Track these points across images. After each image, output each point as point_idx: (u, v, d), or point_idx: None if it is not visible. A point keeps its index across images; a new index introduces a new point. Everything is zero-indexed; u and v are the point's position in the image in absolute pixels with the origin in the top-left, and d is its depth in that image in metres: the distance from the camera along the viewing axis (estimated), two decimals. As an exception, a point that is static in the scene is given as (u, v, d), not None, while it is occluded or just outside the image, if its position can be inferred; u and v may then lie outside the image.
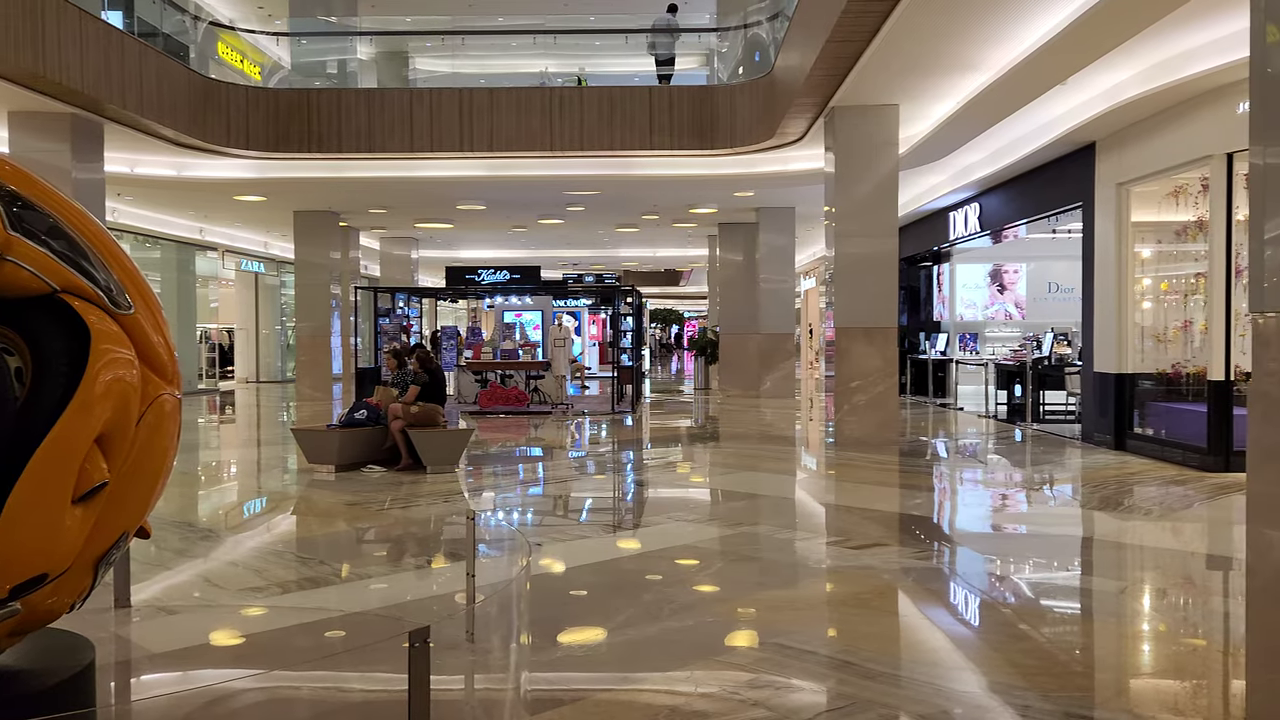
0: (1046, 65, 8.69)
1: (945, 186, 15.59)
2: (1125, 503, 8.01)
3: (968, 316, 19.20)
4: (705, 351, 22.59)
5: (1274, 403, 3.22)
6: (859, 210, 11.14)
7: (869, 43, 8.78)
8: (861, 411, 11.08)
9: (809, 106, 11.11)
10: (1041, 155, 12.33)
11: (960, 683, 3.85)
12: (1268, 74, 3.28)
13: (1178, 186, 10.20)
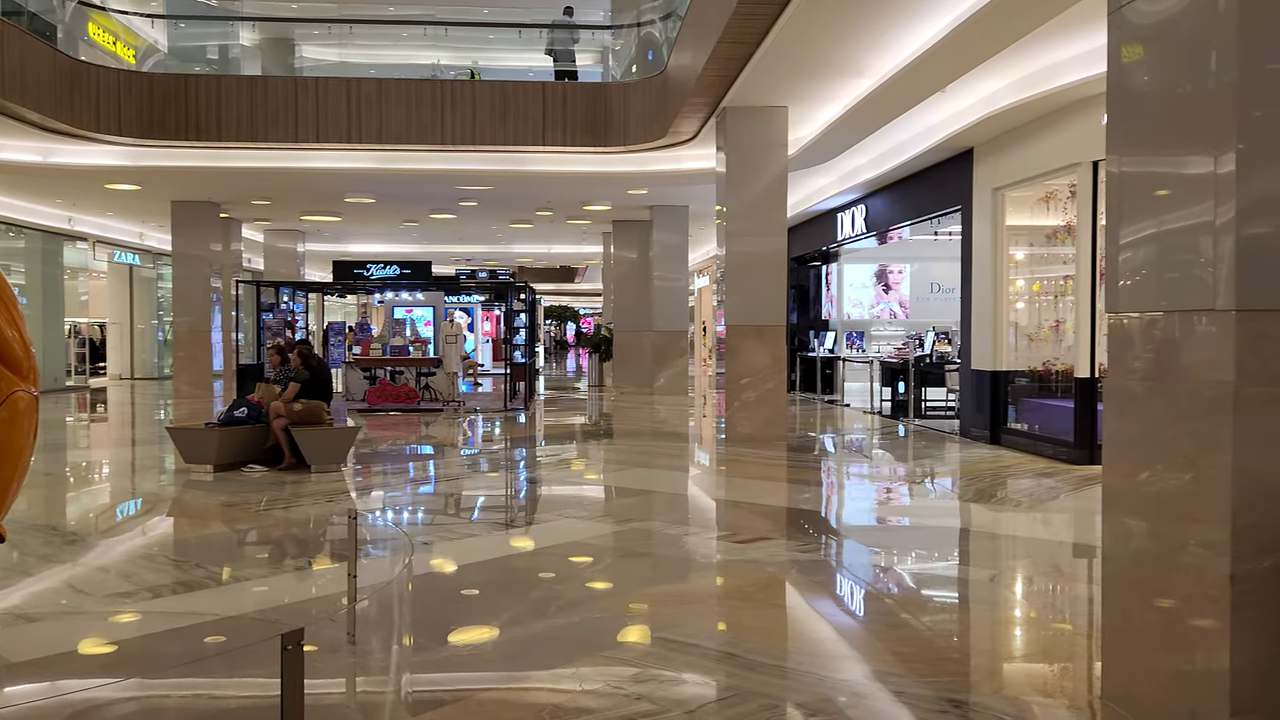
0: (927, 72, 8.97)
1: (833, 188, 15.96)
2: (999, 495, 8.34)
3: (855, 315, 19.70)
4: (599, 349, 22.62)
5: (1128, 399, 3.40)
6: (749, 210, 11.32)
7: (759, 45, 8.93)
8: (752, 408, 11.26)
9: (701, 106, 11.23)
10: (924, 160, 12.73)
11: (842, 671, 3.95)
12: (1123, 89, 3.46)
13: (1049, 192, 10.68)
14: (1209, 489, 2.96)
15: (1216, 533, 2.92)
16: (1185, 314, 3.09)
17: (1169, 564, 3.16)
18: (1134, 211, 3.37)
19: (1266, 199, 2.90)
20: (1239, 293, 2.88)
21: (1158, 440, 3.23)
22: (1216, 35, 2.95)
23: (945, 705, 3.56)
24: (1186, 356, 3.09)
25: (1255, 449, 2.87)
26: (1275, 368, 2.88)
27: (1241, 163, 2.89)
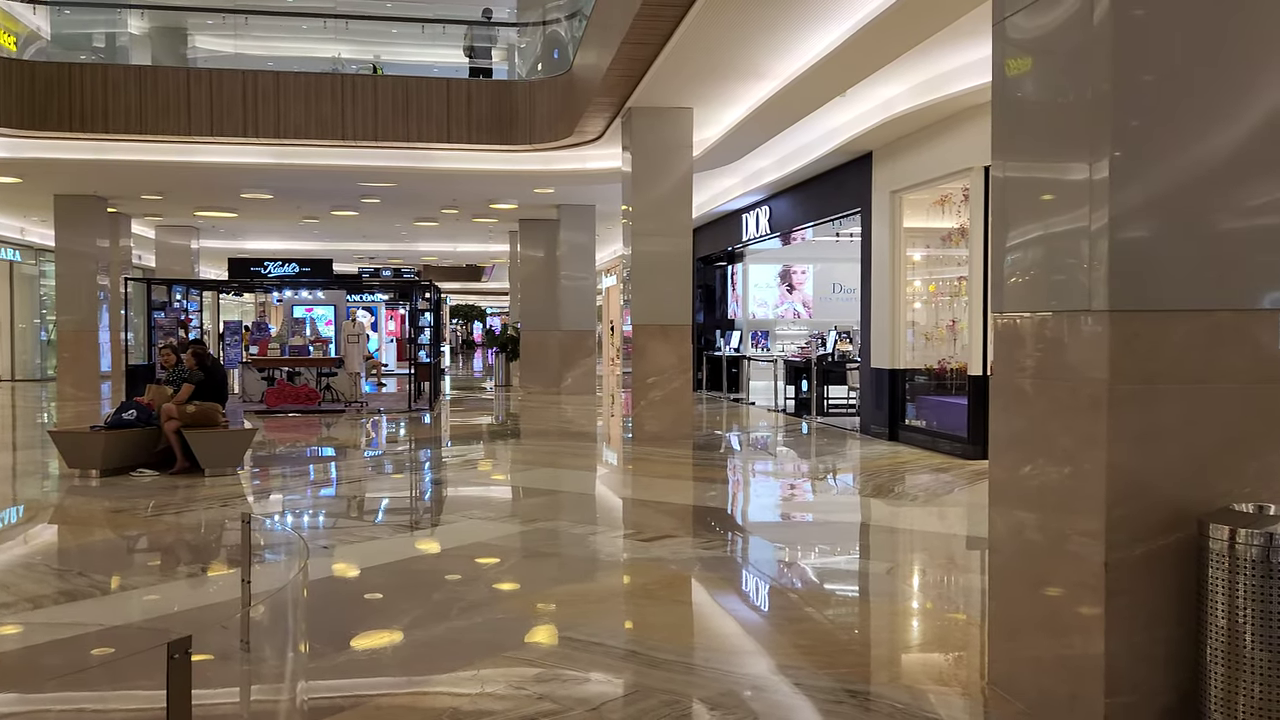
0: (827, 76, 9.16)
1: (738, 189, 16.16)
2: (896, 490, 8.57)
3: (759, 315, 19.98)
4: (506, 348, 22.46)
5: (1011, 396, 3.53)
6: (655, 210, 11.38)
7: (663, 46, 8.99)
8: (658, 407, 11.33)
9: (607, 106, 11.25)
10: (825, 162, 12.99)
11: (745, 665, 4.01)
12: (1006, 97, 3.60)
13: (944, 195, 11.02)
14: (1086, 482, 3.10)
15: (1093, 523, 3.06)
16: (1063, 315, 3.23)
17: (1050, 554, 3.30)
18: (1016, 215, 3.50)
19: (1139, 205, 3.04)
20: (1112, 295, 3.02)
21: (1039, 436, 3.36)
22: (1091, 47, 3.09)
23: (843, 695, 3.64)
24: (1065, 356, 3.23)
25: (1128, 444, 3.02)
26: (1147, 367, 3.03)
27: (1115, 170, 3.03)
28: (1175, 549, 2.99)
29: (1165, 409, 3.03)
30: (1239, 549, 2.75)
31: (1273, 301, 3.09)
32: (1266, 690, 2.69)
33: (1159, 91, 3.06)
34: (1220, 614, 2.78)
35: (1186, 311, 3.06)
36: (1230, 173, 3.09)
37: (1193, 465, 3.04)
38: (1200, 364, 3.07)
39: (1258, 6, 3.09)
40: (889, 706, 3.55)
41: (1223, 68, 3.07)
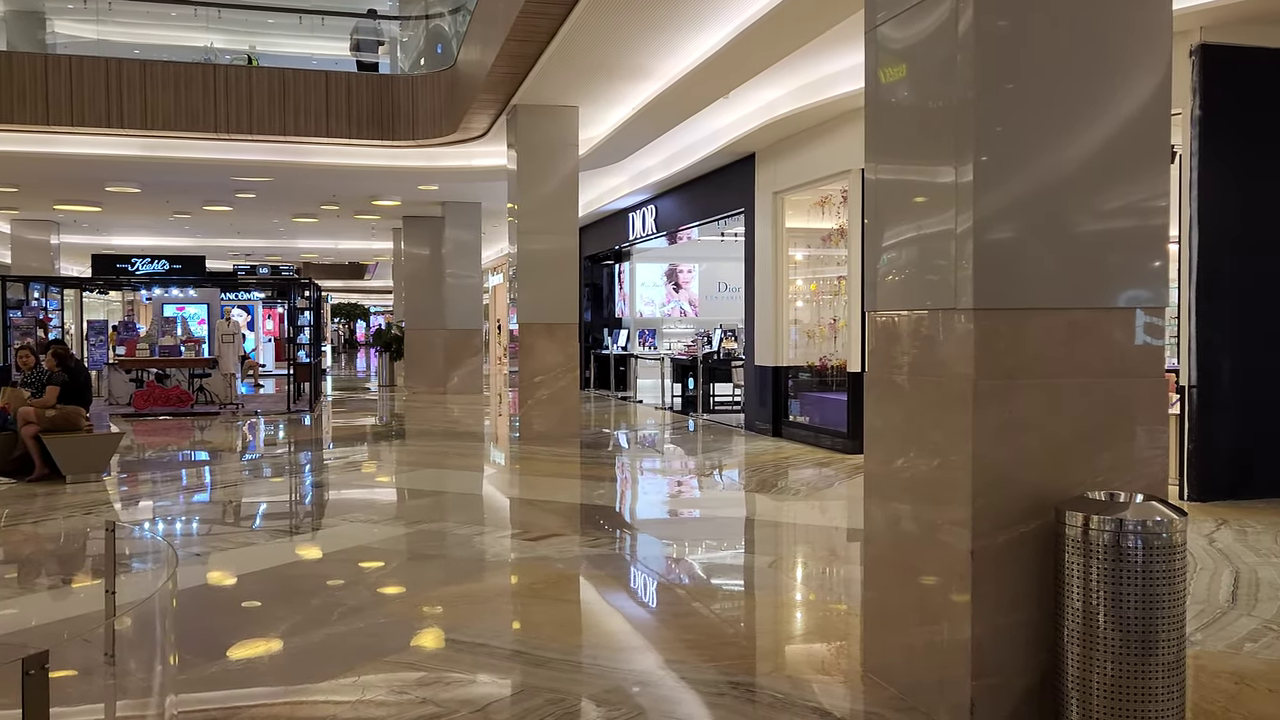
0: (711, 77, 9.28)
1: (625, 188, 16.23)
2: (779, 485, 8.75)
3: (647, 313, 20.11)
4: (390, 347, 22.02)
5: (885, 391, 3.65)
6: (541, 208, 11.33)
7: (548, 44, 8.95)
8: (545, 406, 11.29)
9: (491, 103, 11.14)
10: (710, 163, 13.16)
11: (631, 661, 4.03)
12: (879, 102, 3.71)
13: (824, 197, 11.30)
14: (953, 474, 3.23)
15: (959, 513, 3.19)
16: (931, 313, 3.36)
17: (921, 544, 3.42)
18: (888, 217, 3.62)
19: (1002, 208, 3.18)
20: (976, 293, 3.15)
21: (911, 430, 3.48)
22: (956, 56, 3.22)
23: (726, 687, 3.70)
24: (933, 353, 3.36)
25: (991, 437, 3.16)
26: (1006, 362, 3.17)
27: (979, 174, 3.16)
28: (1035, 536, 3.14)
29: (1025, 403, 3.18)
30: (1092, 535, 2.91)
31: (1125, 300, 3.27)
32: (1118, 667, 2.85)
33: (1021, 100, 3.21)
34: (1076, 597, 2.94)
35: (1045, 310, 3.22)
36: (1087, 178, 3.25)
37: (1051, 456, 3.20)
38: (1057, 360, 3.23)
39: (1112, 23, 3.26)
40: (770, 696, 3.63)
41: (1080, 79, 3.24)
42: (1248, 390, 7.32)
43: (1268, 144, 7.34)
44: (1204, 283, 7.21)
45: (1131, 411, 3.29)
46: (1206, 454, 7.23)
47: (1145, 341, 3.31)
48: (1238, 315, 7.30)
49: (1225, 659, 3.98)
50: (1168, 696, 2.84)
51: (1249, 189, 7.32)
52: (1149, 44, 3.29)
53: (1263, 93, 7.29)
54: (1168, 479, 3.42)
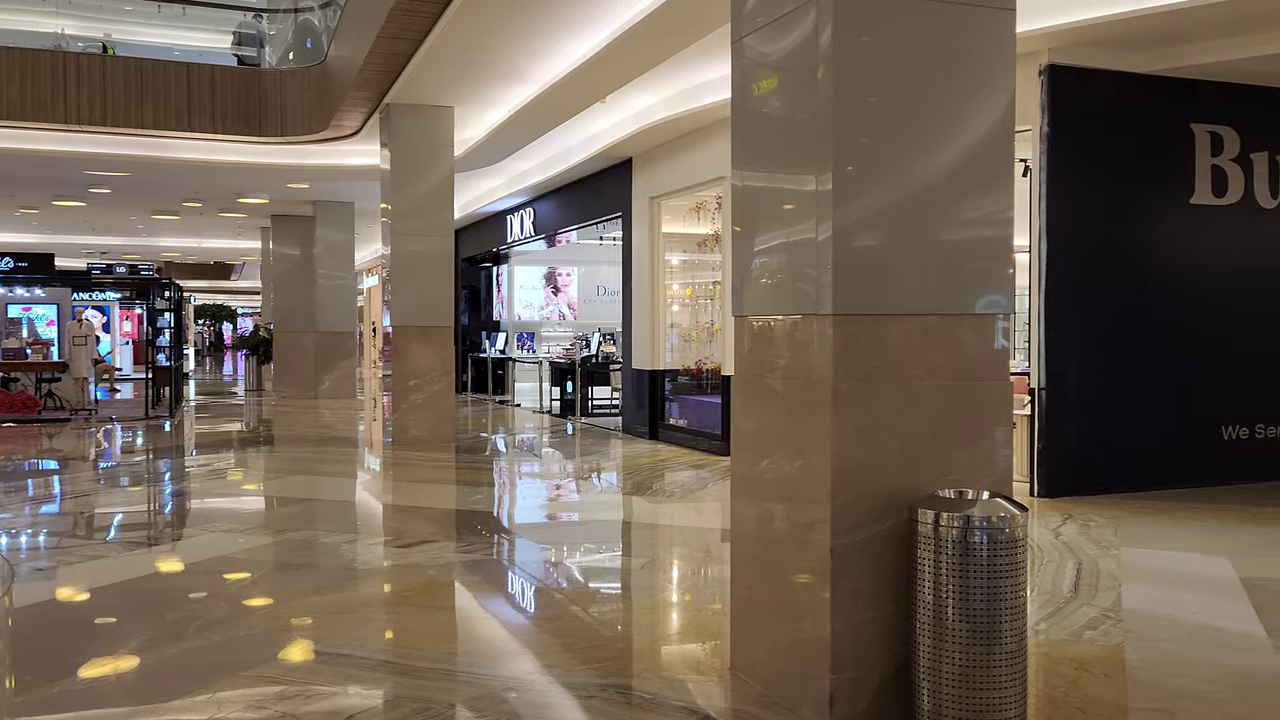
0: (586, 82, 9.30)
1: (503, 190, 16.11)
2: (656, 487, 8.83)
3: (525, 316, 20.00)
4: (258, 350, 21.27)
5: (751, 394, 3.74)
6: (416, 209, 11.15)
7: (421, 42, 8.82)
8: (419, 410, 11.10)
9: (363, 101, 10.90)
10: (587, 167, 13.19)
11: (504, 668, 3.99)
12: (744, 110, 3.80)
13: (699, 203, 11.47)
14: (814, 474, 3.32)
15: (820, 512, 3.28)
16: (793, 318, 3.45)
17: (784, 543, 3.51)
18: (752, 223, 3.71)
19: (861, 217, 3.29)
20: (836, 300, 3.26)
21: (775, 432, 3.57)
22: (817, 69, 3.31)
23: (596, 690, 3.71)
24: (795, 357, 3.45)
25: (849, 438, 3.26)
26: (864, 366, 3.29)
27: (839, 184, 3.27)
28: (891, 533, 3.27)
29: (882, 405, 3.30)
30: (942, 531, 3.04)
31: (975, 306, 3.43)
32: (965, 657, 2.99)
33: (877, 114, 3.33)
34: (927, 591, 3.06)
35: (901, 315, 3.35)
36: (939, 190, 3.39)
37: (906, 456, 3.33)
38: (913, 364, 3.36)
39: (961, 43, 3.42)
40: (639, 697, 3.66)
41: (933, 95, 3.38)
42: (1091, 392, 7.76)
43: (1109, 159, 7.81)
44: (1051, 290, 7.62)
45: (981, 413, 3.45)
46: (1054, 452, 7.64)
47: (993, 346, 3.47)
48: (1082, 321, 7.74)
49: (1067, 646, 4.22)
50: (1010, 684, 2.99)
51: (1092, 201, 7.77)
52: (995, 63, 3.46)
53: (1104, 111, 7.75)
54: (1013, 477, 3.60)
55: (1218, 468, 8.13)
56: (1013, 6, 3.47)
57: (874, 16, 3.30)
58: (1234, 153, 8.10)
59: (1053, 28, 7.14)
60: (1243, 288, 8.23)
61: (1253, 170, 8.18)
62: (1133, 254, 7.95)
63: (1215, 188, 8.07)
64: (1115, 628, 4.45)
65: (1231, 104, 8.06)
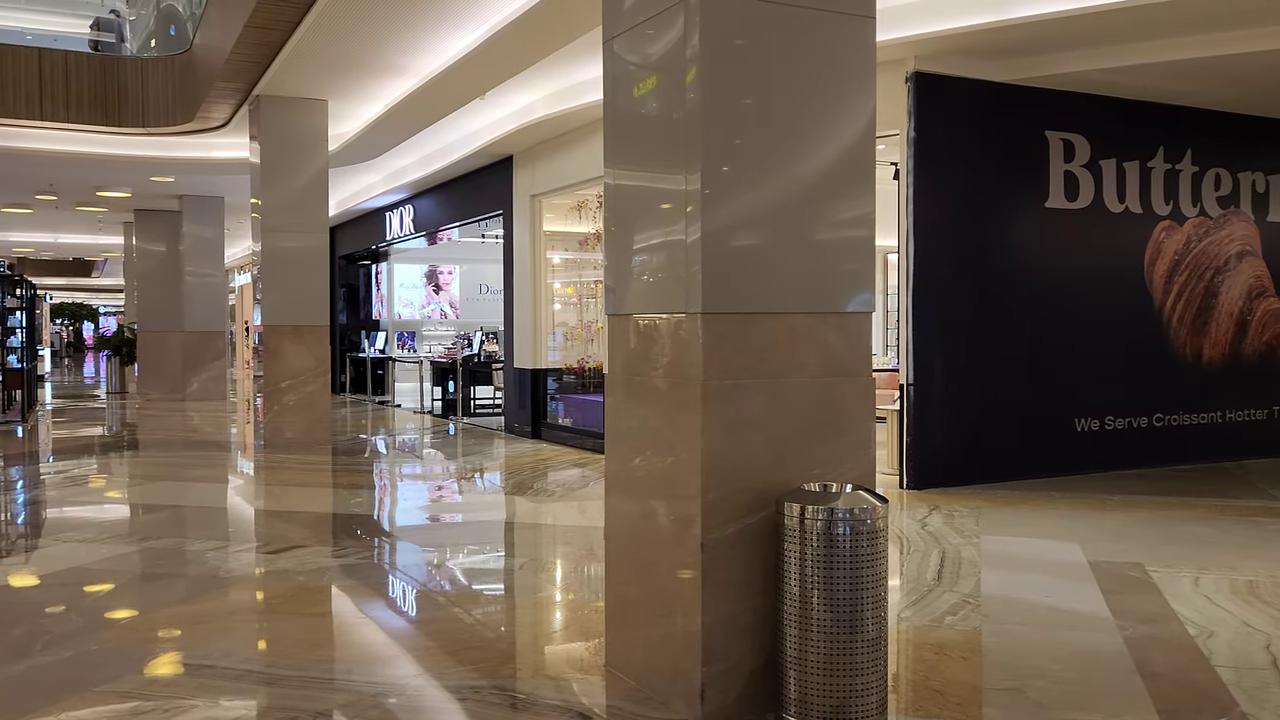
0: (465, 78, 9.19)
1: (381, 186, 15.78)
2: (537, 486, 8.80)
3: (406, 315, 19.65)
4: (120, 351, 20.30)
5: (624, 392, 3.76)
6: (288, 204, 10.82)
7: (292, 33, 8.55)
8: (293, 412, 10.78)
9: (231, 92, 10.51)
10: (468, 164, 13.04)
11: (373, 673, 3.90)
12: (616, 110, 3.82)
13: (580, 201, 11.47)
14: (685, 470, 3.37)
15: (691, 508, 3.33)
16: (664, 317, 3.49)
17: (655, 539, 3.55)
18: (625, 222, 3.73)
19: (730, 217, 3.35)
20: (705, 298, 3.31)
21: (647, 429, 3.60)
22: (685, 70, 3.35)
23: (468, 692, 3.67)
24: (667, 355, 3.49)
25: (719, 434, 3.32)
26: (733, 363, 3.35)
27: (706, 186, 3.31)
28: (760, 527, 3.33)
29: (750, 402, 3.37)
30: (807, 523, 3.12)
31: (838, 306, 3.53)
32: (829, 645, 3.08)
33: (749, 116, 3.39)
34: (793, 582, 3.14)
35: (768, 314, 3.42)
36: (803, 192, 3.48)
37: (773, 451, 3.40)
38: (780, 361, 3.44)
39: (834, 45, 3.50)
40: (516, 697, 3.64)
41: (797, 99, 3.46)
42: (956, 389, 8.09)
43: (972, 163, 8.15)
44: (919, 290, 7.91)
45: (846, 409, 3.55)
46: (922, 446, 7.93)
47: (857, 344, 3.58)
48: (948, 320, 8.06)
49: (929, 632, 4.39)
50: (872, 669, 3.10)
51: (957, 204, 8.10)
52: (857, 69, 3.57)
53: (967, 117, 8.09)
54: (882, 470, 3.72)
55: (1072, 458, 8.58)
56: (873, 14, 3.58)
57: (740, 21, 3.36)
58: (1085, 159, 8.56)
59: (919, 36, 7.40)
60: (1093, 287, 8.70)
61: (1102, 176, 8.66)
62: (994, 255, 8.32)
63: (1068, 192, 8.51)
64: (974, 612, 4.66)
65: (1083, 113, 8.51)
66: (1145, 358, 9.00)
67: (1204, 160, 9.16)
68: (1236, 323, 9.46)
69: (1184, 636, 4.27)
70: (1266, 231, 9.59)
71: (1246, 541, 6.16)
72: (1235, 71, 7.91)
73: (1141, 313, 8.96)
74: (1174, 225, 9.05)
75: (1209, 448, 9.23)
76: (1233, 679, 3.74)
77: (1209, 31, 7.23)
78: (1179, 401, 9.14)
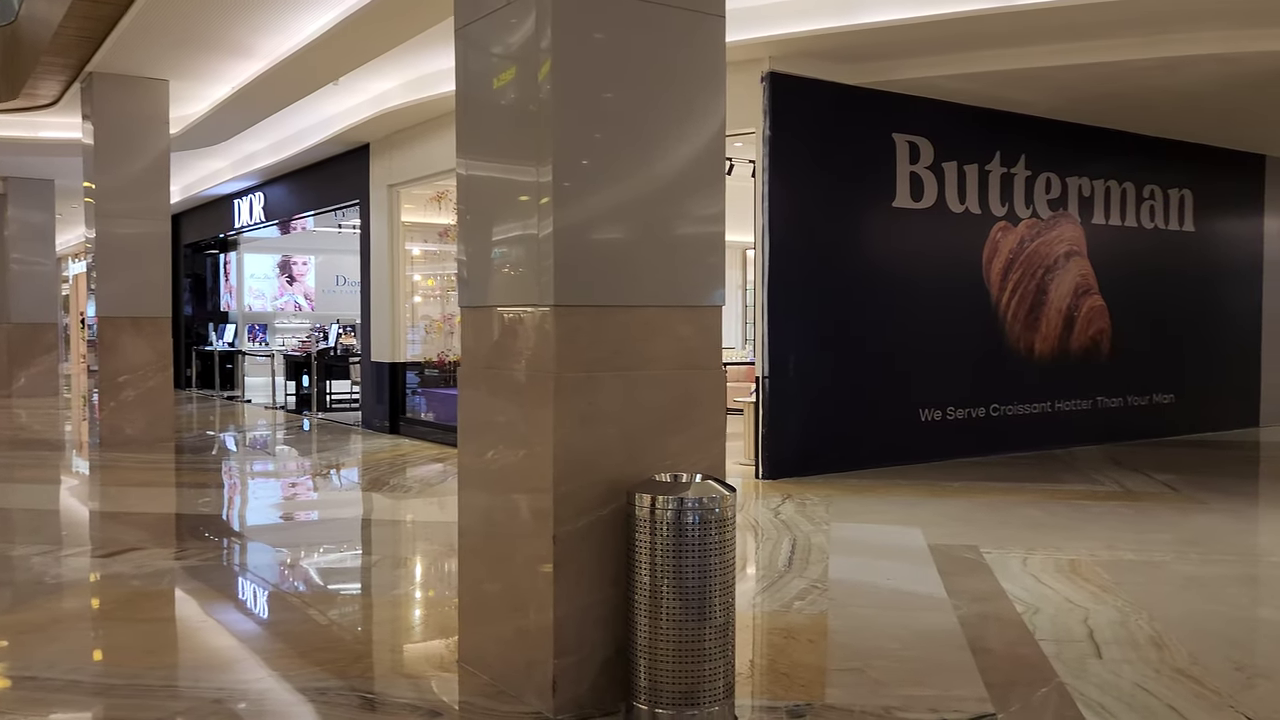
0: (316, 62, 8.89)
1: (229, 172, 15.13)
2: (395, 482, 8.62)
3: (257, 307, 18.92)
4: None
5: (477, 385, 3.73)
6: (126, 189, 10.24)
7: (128, 7, 8.10)
8: (132, 408, 10.23)
9: (61, 68, 9.87)
10: (323, 151, 12.64)
11: (227, 678, 3.74)
12: (469, 100, 3.78)
13: (440, 192, 11.29)
14: (538, 463, 3.36)
15: (544, 501, 3.33)
16: (516, 309, 3.47)
17: (508, 533, 3.53)
18: (478, 214, 3.69)
19: (581, 210, 3.35)
20: (558, 291, 3.31)
21: (500, 423, 3.58)
22: (536, 61, 3.34)
23: (315, 694, 3.57)
24: (520, 348, 3.47)
25: (572, 427, 3.32)
26: (586, 356, 3.36)
27: (558, 178, 3.31)
28: (612, 518, 3.36)
29: (604, 394, 3.39)
30: (658, 513, 3.16)
31: (690, 299, 3.58)
32: (679, 632, 3.13)
33: (602, 110, 3.39)
34: (644, 571, 3.18)
35: (622, 307, 3.44)
36: (657, 187, 3.50)
37: (627, 443, 3.43)
38: (633, 354, 3.47)
39: (685, 43, 3.55)
40: (367, 697, 3.56)
41: (649, 94, 3.48)
42: (809, 381, 8.34)
43: (825, 163, 8.41)
44: (774, 285, 8.12)
45: (697, 401, 3.61)
46: (777, 437, 8.15)
47: (708, 337, 3.65)
48: (802, 314, 8.30)
49: (779, 617, 4.52)
50: (719, 655, 3.17)
51: (811, 202, 8.34)
52: (707, 67, 3.62)
53: (820, 118, 8.34)
54: (740, 460, 3.80)
55: (917, 447, 8.98)
56: (723, 14, 3.64)
57: (591, 14, 3.37)
58: (929, 161, 8.96)
59: (774, 37, 7.59)
60: (936, 284, 9.12)
61: (944, 178, 9.08)
62: (845, 252, 8.61)
63: (913, 193, 8.89)
64: (822, 597, 4.82)
65: (927, 117, 8.90)
66: (983, 352, 9.50)
67: (1036, 165, 9.72)
68: (1065, 318, 10.09)
69: (1012, 613, 4.53)
70: (1091, 233, 10.25)
71: (1071, 523, 6.58)
72: (1064, 82, 8.43)
73: (980, 309, 9.45)
74: (1009, 226, 9.58)
75: (1040, 436, 9.82)
76: (1054, 652, 4.00)
77: (1041, 44, 7.68)
78: (1014, 393, 9.68)
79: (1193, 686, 3.64)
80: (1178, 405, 11.08)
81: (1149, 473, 8.59)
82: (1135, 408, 10.68)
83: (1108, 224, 10.39)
